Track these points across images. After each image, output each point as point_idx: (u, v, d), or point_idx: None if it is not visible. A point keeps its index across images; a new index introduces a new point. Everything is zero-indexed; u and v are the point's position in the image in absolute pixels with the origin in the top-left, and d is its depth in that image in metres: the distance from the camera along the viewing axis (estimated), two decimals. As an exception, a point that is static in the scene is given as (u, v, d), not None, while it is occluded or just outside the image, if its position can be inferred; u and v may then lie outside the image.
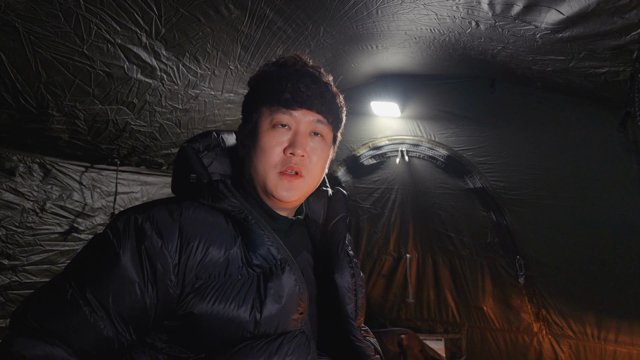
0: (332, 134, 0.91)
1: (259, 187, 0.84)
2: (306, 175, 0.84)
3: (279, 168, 0.82)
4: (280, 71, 0.85)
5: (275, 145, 0.82)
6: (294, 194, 0.83)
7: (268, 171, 0.82)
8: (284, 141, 0.83)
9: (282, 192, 0.82)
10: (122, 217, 0.75)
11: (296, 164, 0.82)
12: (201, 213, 0.78)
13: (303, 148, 0.82)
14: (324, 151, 0.88)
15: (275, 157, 0.82)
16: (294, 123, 0.83)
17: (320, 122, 0.86)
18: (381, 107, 2.88)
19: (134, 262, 0.71)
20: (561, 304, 2.52)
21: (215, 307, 0.72)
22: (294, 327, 0.78)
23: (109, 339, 0.69)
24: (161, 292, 0.72)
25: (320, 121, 0.86)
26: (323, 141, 0.88)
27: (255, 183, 0.85)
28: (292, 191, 0.83)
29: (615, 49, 1.61)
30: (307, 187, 0.87)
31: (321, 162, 0.87)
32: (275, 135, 0.82)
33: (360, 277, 0.97)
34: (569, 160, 2.43)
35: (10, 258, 1.89)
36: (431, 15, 1.77)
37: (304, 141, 0.83)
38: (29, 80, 1.49)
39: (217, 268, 0.75)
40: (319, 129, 0.86)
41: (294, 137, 0.83)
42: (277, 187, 0.82)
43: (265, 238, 0.79)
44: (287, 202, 0.85)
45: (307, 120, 0.84)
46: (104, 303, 0.69)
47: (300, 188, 0.84)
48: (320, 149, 0.86)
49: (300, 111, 0.83)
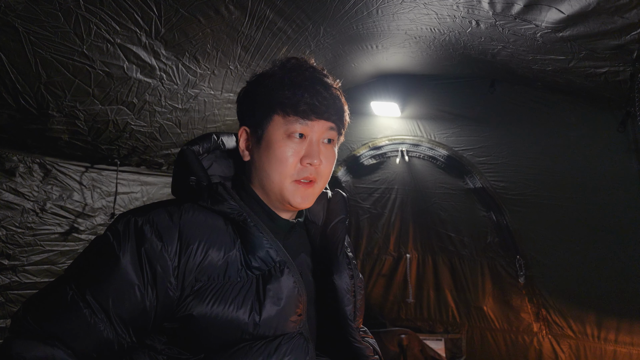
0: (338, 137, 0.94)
1: (274, 194, 0.85)
2: (319, 181, 0.86)
3: (295, 177, 0.83)
4: (292, 78, 0.84)
5: (292, 155, 0.83)
6: (310, 201, 0.86)
7: (284, 180, 0.83)
8: (300, 151, 0.83)
9: (298, 200, 0.84)
10: (122, 220, 0.75)
11: (312, 173, 0.84)
12: (201, 215, 0.79)
13: (319, 157, 0.84)
14: (334, 156, 0.90)
15: (292, 167, 0.83)
16: (309, 132, 0.84)
17: (332, 129, 0.87)
18: (381, 107, 2.88)
19: (134, 265, 0.71)
20: (561, 304, 2.52)
21: (214, 309, 0.73)
22: (292, 328, 0.79)
23: (109, 340, 0.70)
24: (161, 295, 0.72)
25: (332, 128, 0.87)
26: (333, 147, 0.90)
27: (268, 190, 0.85)
28: (307, 198, 0.85)
29: (616, 49, 1.61)
30: (319, 192, 0.90)
31: (331, 167, 0.89)
32: (292, 145, 0.83)
33: (359, 279, 0.98)
34: (569, 160, 2.43)
35: (10, 258, 1.89)
36: (431, 14, 1.77)
37: (320, 150, 0.85)
38: (29, 81, 1.49)
39: (217, 270, 0.76)
40: (331, 135, 0.88)
41: (310, 147, 0.84)
42: (294, 196, 0.84)
43: (264, 240, 0.80)
44: (302, 207, 0.87)
45: (322, 130, 0.85)
46: (104, 305, 0.69)
47: (315, 194, 0.87)
48: (331, 155, 0.89)
49: (316, 121, 0.84)
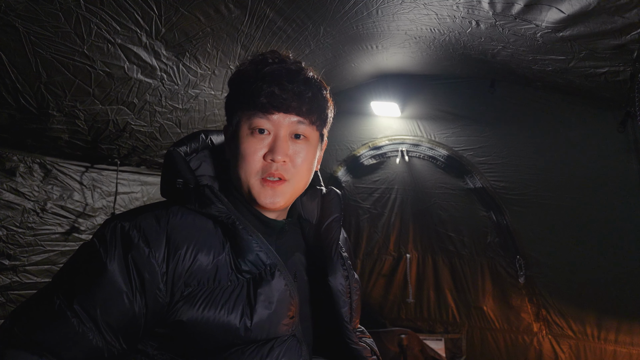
0: (318, 132, 0.87)
1: (244, 193, 0.83)
2: (291, 179, 0.82)
3: (261, 174, 0.80)
4: (256, 71, 0.80)
5: (254, 151, 0.79)
6: (279, 200, 0.81)
7: (250, 178, 0.80)
8: (264, 147, 0.79)
9: (265, 200, 0.80)
10: (108, 225, 0.73)
11: (277, 170, 0.79)
12: (189, 219, 0.77)
13: (284, 153, 0.79)
14: (308, 152, 0.84)
15: (255, 164, 0.79)
16: (272, 127, 0.80)
17: (301, 122, 0.82)
18: (381, 107, 2.89)
19: (122, 272, 0.70)
20: (561, 304, 2.52)
21: (205, 314, 0.71)
22: (285, 331, 0.77)
23: (98, 349, 0.68)
24: (150, 301, 0.71)
25: (301, 122, 0.82)
26: (306, 142, 0.84)
27: (239, 189, 0.83)
28: (276, 197, 0.80)
29: (616, 49, 1.61)
30: (294, 191, 0.84)
31: (306, 164, 0.84)
32: (254, 142, 0.79)
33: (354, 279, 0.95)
34: (569, 160, 2.43)
35: (11, 258, 1.89)
36: (431, 15, 1.77)
37: (285, 145, 0.80)
38: (29, 81, 1.49)
39: (206, 274, 0.74)
40: (301, 130, 0.82)
41: (273, 142, 0.79)
42: (260, 195, 0.80)
43: (253, 243, 0.77)
44: (273, 208, 0.82)
45: (287, 123, 0.80)
46: (92, 314, 0.68)
47: (285, 192, 0.82)
48: (304, 151, 0.83)
49: (278, 115, 0.79)
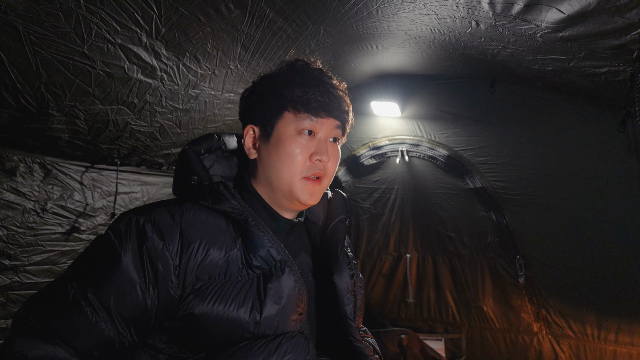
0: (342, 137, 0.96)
1: (282, 191, 0.86)
2: (325, 179, 0.88)
3: (304, 173, 0.85)
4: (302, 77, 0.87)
5: (302, 151, 0.85)
6: (317, 197, 0.88)
7: (294, 177, 0.84)
8: (310, 147, 0.85)
9: (306, 196, 0.85)
10: (123, 219, 0.76)
11: (321, 169, 0.86)
12: (202, 215, 0.79)
13: (328, 155, 0.86)
14: (338, 155, 0.92)
15: (301, 164, 0.85)
16: (318, 130, 0.86)
17: (339, 127, 0.90)
18: (381, 107, 2.88)
19: (135, 263, 0.72)
20: (561, 304, 2.52)
21: (215, 308, 0.73)
22: (293, 327, 0.79)
23: (110, 339, 0.70)
24: (162, 293, 0.72)
25: (339, 126, 0.90)
26: (338, 145, 0.92)
27: (276, 187, 0.86)
28: (314, 195, 0.87)
29: (616, 49, 1.61)
30: (325, 189, 0.91)
31: (336, 166, 0.91)
32: (302, 142, 0.85)
33: (359, 279, 0.98)
34: (569, 160, 2.42)
35: (11, 258, 1.89)
36: (431, 15, 1.77)
37: (329, 147, 0.87)
38: (29, 80, 1.49)
39: (218, 269, 0.76)
40: (337, 134, 0.90)
41: (319, 143, 0.86)
42: (303, 192, 0.85)
43: (265, 239, 0.80)
44: (308, 205, 0.88)
45: (329, 127, 0.88)
46: (106, 304, 0.70)
47: (321, 192, 0.89)
48: (337, 153, 0.91)
49: (325, 119, 0.86)
